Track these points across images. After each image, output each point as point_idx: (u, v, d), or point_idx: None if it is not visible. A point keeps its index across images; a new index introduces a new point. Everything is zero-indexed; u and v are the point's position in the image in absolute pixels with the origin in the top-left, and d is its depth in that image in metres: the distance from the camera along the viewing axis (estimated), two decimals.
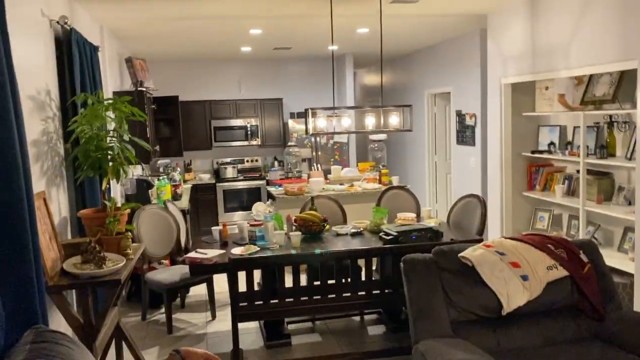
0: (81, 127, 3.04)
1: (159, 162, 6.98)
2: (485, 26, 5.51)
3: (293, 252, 3.79)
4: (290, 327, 4.28)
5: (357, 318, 4.50)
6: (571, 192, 4.83)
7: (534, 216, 5.29)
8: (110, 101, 3.20)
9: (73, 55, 3.35)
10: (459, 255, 2.97)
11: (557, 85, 4.80)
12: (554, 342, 2.86)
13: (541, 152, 5.05)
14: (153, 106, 6.42)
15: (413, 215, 4.57)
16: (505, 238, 3.20)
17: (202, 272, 3.98)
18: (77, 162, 3.12)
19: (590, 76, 4.43)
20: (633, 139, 3.93)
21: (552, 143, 4.97)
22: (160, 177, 5.81)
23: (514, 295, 2.84)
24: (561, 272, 2.95)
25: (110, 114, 3.20)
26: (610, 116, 4.32)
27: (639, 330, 2.79)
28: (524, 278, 2.88)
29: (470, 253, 2.97)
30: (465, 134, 6.57)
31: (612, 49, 3.78)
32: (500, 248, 3.02)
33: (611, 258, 4.06)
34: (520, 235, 3.29)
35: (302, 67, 8.41)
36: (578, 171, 4.52)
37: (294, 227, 4.28)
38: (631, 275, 3.81)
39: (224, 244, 4.07)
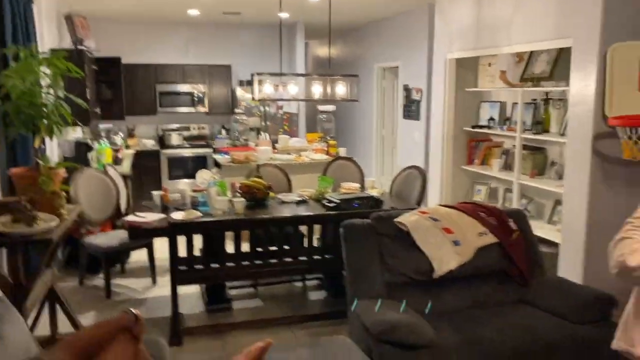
0: (12, 82, 2.89)
1: (100, 126, 6.75)
2: (434, 1, 5.58)
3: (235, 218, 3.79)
4: (232, 292, 4.30)
5: (300, 284, 4.58)
6: (508, 166, 5.02)
7: (472, 189, 5.49)
8: (45, 55, 3.06)
9: (3, 5, 3.17)
10: (395, 220, 3.06)
11: (499, 62, 4.94)
12: (482, 305, 3.01)
13: (481, 127, 5.21)
14: (94, 67, 6.17)
15: (357, 185, 4.65)
16: (441, 205, 3.32)
17: (141, 235, 3.92)
18: (7, 119, 2.98)
19: (531, 54, 4.58)
20: (566, 115, 4.11)
21: (491, 118, 5.14)
22: (101, 141, 5.63)
23: (445, 259, 2.96)
24: (491, 239, 3.09)
25: (45, 69, 3.06)
26: (547, 93, 4.50)
27: (559, 293, 2.98)
28: (456, 243, 3.00)
29: (406, 218, 3.06)
30: (411, 109, 6.68)
31: (549, 27, 3.92)
32: (435, 214, 3.13)
33: (541, 229, 4.28)
34: (455, 203, 3.42)
35: (252, 33, 8.26)
36: (515, 146, 4.71)
37: (237, 194, 4.26)
38: (558, 245, 4.02)
39: (164, 209, 4.02)
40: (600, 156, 3.53)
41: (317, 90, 4.48)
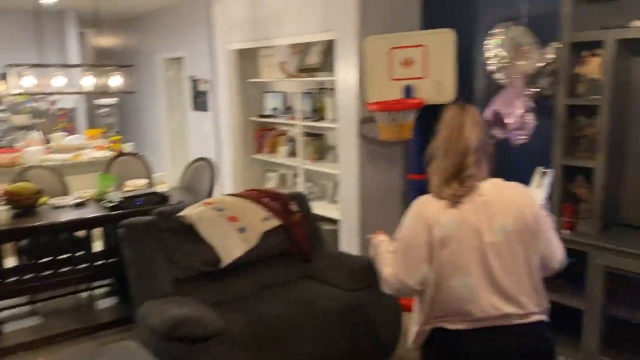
0: None
1: None
2: None
3: None
4: (2, 314, 3.79)
5: (87, 293, 4.23)
6: (294, 152, 5.28)
7: (264, 177, 5.66)
8: None
9: None
10: (178, 214, 3.00)
11: (278, 53, 5.14)
12: (269, 286, 3.12)
13: (267, 116, 5.39)
14: None
15: (144, 181, 4.45)
16: (226, 195, 3.35)
17: None
18: None
19: (305, 46, 4.86)
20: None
21: (275, 108, 5.34)
22: None
23: (232, 247, 3.00)
24: (275, 222, 3.22)
25: None
26: (322, 83, 4.83)
27: (337, 265, 3.23)
28: (242, 230, 3.06)
29: (190, 211, 3.02)
30: (199, 100, 6.61)
31: (317, 21, 4.20)
32: (220, 204, 3.14)
33: (324, 209, 4.61)
34: (241, 192, 3.48)
35: (8, 20, 7.26)
36: (298, 134, 4.96)
37: (1, 202, 3.75)
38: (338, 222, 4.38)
39: None
40: (365, 139, 3.92)
41: (89, 82, 4.14)
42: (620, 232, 2.89)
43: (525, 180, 1.87)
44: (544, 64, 3.02)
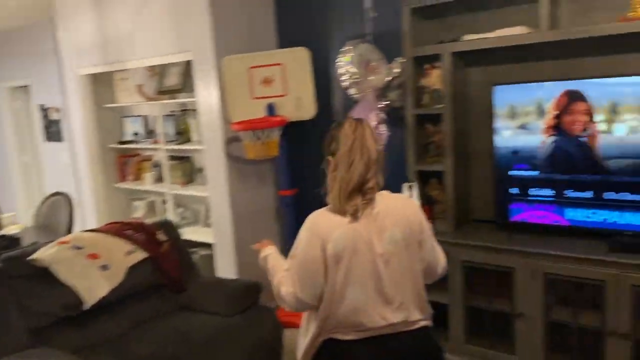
0: None
1: None
2: (54, 15, 5.19)
3: None
4: None
5: None
6: (160, 178, 5.08)
7: (130, 207, 5.36)
8: None
9: None
10: (29, 258, 2.73)
11: (134, 76, 4.93)
12: (142, 323, 2.95)
13: (128, 142, 5.13)
14: None
15: None
16: (85, 231, 3.12)
17: None
18: None
19: (163, 67, 4.71)
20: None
21: (137, 133, 5.11)
22: None
23: (95, 287, 2.79)
24: (141, 255, 3.06)
25: None
26: (184, 104, 4.71)
27: (214, 292, 3.15)
28: (104, 268, 2.86)
29: (43, 253, 2.77)
30: (52, 130, 6.12)
31: (171, 42, 4.10)
32: (77, 242, 2.92)
33: (199, 234, 4.48)
34: (101, 226, 3.26)
35: None
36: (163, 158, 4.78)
37: None
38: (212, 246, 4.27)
39: None
40: (233, 158, 3.88)
41: None
42: (472, 227, 3.16)
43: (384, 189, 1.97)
44: (392, 78, 3.22)
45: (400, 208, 1.80)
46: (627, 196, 2.63)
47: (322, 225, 1.75)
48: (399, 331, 1.76)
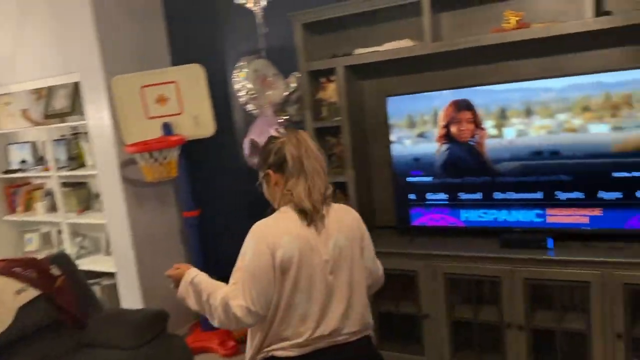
0: None
1: None
2: None
3: None
4: None
5: None
6: (54, 207, 4.75)
7: (22, 240, 4.96)
8: None
9: None
10: None
11: (18, 100, 4.59)
12: None
13: (15, 171, 4.76)
14: None
15: None
16: None
17: None
18: None
19: (49, 90, 4.42)
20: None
21: (24, 161, 4.75)
22: None
23: None
24: (33, 293, 2.84)
25: None
26: (75, 128, 4.44)
27: (117, 325, 2.98)
28: None
29: None
30: None
31: (56, 62, 3.86)
32: None
33: (100, 263, 4.24)
34: None
35: None
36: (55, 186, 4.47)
37: None
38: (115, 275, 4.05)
39: None
40: (129, 182, 3.71)
41: None
42: (376, 234, 3.21)
43: None
44: (289, 92, 3.23)
45: (342, 215, 1.82)
46: (514, 195, 2.81)
47: (268, 232, 1.70)
48: (342, 342, 1.75)
